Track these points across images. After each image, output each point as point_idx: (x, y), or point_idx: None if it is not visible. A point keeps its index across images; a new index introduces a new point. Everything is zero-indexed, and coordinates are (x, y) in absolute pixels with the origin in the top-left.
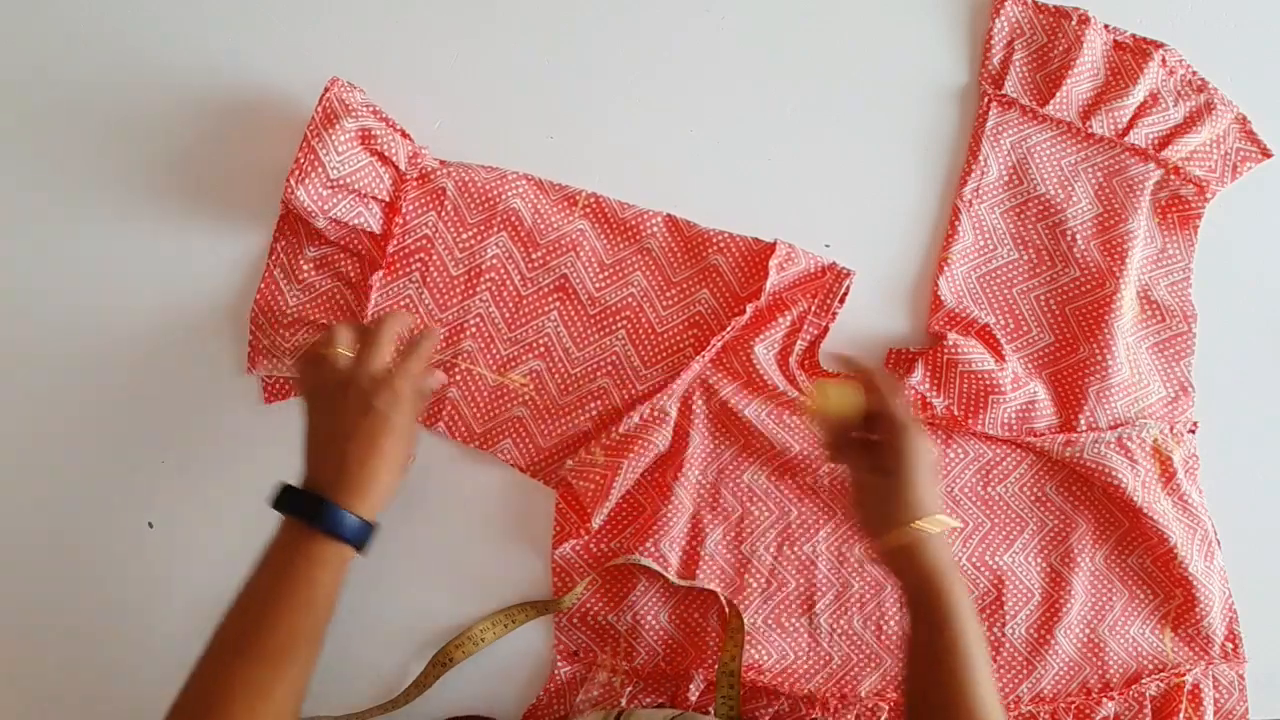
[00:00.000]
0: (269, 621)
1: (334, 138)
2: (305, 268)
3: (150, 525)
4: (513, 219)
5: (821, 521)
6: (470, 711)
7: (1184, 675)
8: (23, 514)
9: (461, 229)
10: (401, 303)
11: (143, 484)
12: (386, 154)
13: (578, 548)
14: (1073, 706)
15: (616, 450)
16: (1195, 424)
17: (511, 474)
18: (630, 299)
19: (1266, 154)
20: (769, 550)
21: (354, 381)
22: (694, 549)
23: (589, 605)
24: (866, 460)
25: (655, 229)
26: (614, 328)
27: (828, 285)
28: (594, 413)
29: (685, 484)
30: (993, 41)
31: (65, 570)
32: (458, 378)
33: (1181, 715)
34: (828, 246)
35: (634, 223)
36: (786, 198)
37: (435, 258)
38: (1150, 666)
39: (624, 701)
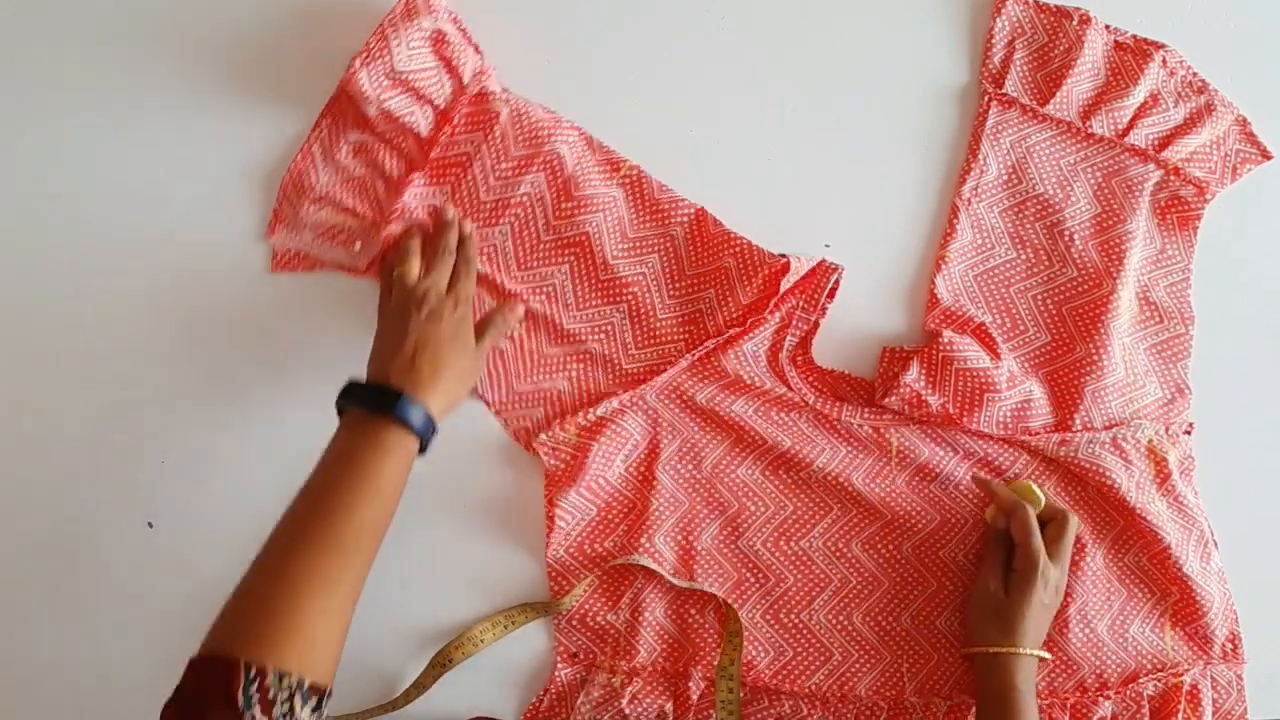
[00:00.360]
0: (338, 511)
1: (408, 33)
2: (344, 149)
3: (150, 525)
4: (554, 163)
5: (818, 517)
6: (475, 713)
7: (1182, 676)
8: (23, 514)
9: (503, 158)
10: (426, 213)
11: (143, 484)
12: (454, 63)
13: (572, 550)
14: (1069, 704)
15: (590, 432)
16: (1191, 425)
17: (511, 475)
18: (641, 278)
19: (1266, 156)
20: (766, 545)
21: (425, 297)
22: (690, 545)
23: (588, 606)
24: (1001, 567)
25: (684, 218)
26: (618, 299)
27: (816, 280)
28: (573, 374)
29: (676, 478)
30: (994, 40)
31: (65, 570)
32: None
33: (1180, 716)
34: (827, 246)
35: (666, 206)
36: (786, 197)
37: (469, 178)
38: (1149, 666)
39: (625, 701)
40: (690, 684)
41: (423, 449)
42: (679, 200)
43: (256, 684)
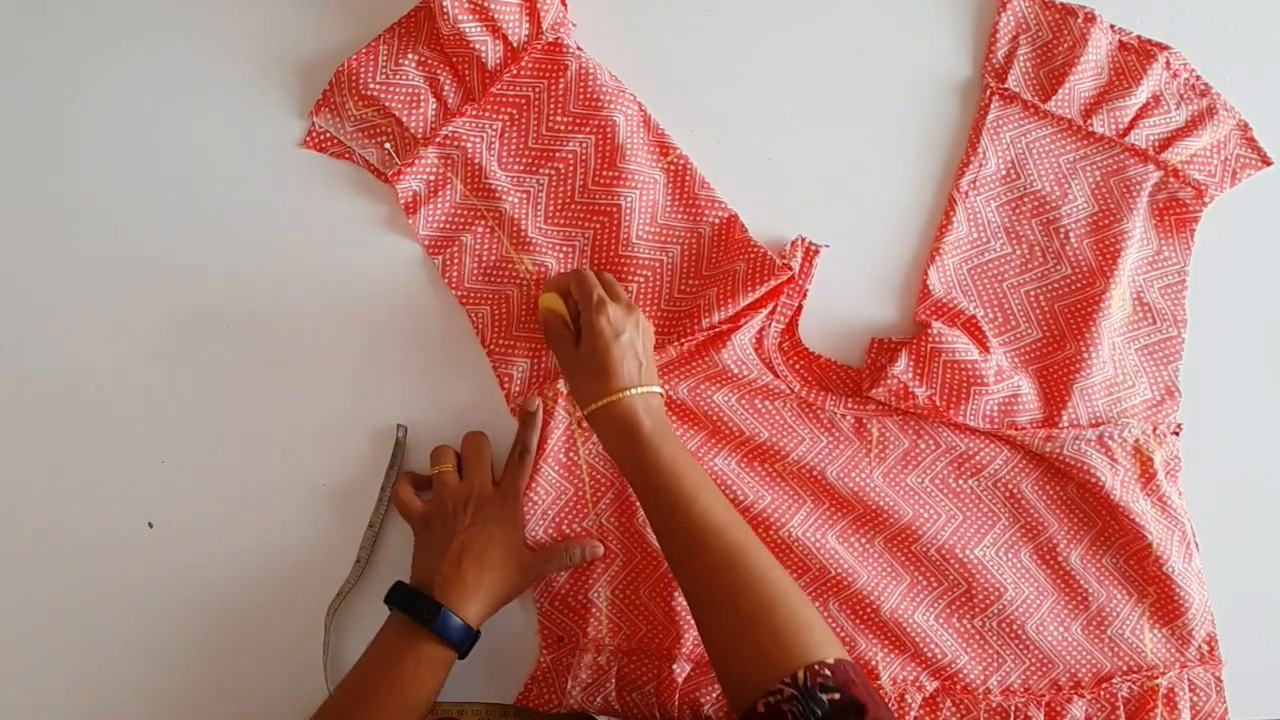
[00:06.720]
0: (369, 715)
1: None
2: (409, 58)
3: (150, 525)
4: (607, 129)
5: (795, 509)
6: (458, 698)
7: (1157, 679)
8: (23, 514)
9: (559, 111)
10: (468, 143)
11: (143, 484)
12: (538, 6)
13: (550, 530)
14: (1043, 701)
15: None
16: (1179, 426)
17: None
18: (659, 265)
19: (1266, 162)
20: None
21: (470, 499)
22: None
23: (566, 587)
24: (571, 337)
25: (716, 219)
26: (629, 278)
27: (801, 265)
28: None
29: None
30: (998, 35)
31: (65, 570)
32: (479, 229)
33: (1158, 717)
34: (828, 246)
35: (702, 203)
36: (786, 196)
37: (522, 121)
38: (1124, 667)
39: (613, 683)
40: (675, 665)
41: (462, 655)
42: (716, 200)
43: None
